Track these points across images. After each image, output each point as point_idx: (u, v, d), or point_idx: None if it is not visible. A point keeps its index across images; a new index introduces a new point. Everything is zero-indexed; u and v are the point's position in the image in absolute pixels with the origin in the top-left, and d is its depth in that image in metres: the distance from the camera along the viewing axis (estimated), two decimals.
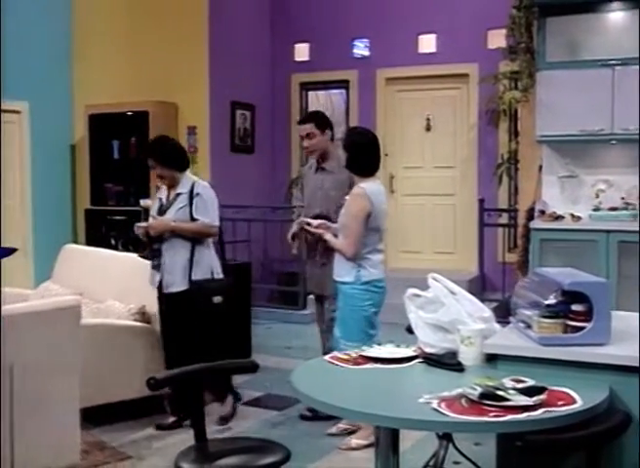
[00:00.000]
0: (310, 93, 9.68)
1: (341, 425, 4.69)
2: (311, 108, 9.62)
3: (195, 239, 4.69)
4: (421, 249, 9.05)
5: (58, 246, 6.20)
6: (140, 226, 4.74)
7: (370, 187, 4.32)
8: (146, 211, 6.09)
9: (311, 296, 5.55)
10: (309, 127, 5.01)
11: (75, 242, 8.16)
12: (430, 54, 8.84)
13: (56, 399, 3.63)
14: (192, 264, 4.65)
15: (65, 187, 9.27)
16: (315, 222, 4.58)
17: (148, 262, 4.78)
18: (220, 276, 4.83)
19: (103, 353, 4.68)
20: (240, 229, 8.41)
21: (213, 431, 4.05)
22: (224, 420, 4.86)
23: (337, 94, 9.60)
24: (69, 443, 3.73)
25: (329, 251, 4.71)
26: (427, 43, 8.86)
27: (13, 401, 3.38)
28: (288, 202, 9.10)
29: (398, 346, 3.06)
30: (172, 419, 4.83)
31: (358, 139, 4.44)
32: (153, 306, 4.86)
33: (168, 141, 5.02)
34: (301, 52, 9.52)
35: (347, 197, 4.43)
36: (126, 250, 6.18)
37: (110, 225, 8.61)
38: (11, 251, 7.30)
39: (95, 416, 4.52)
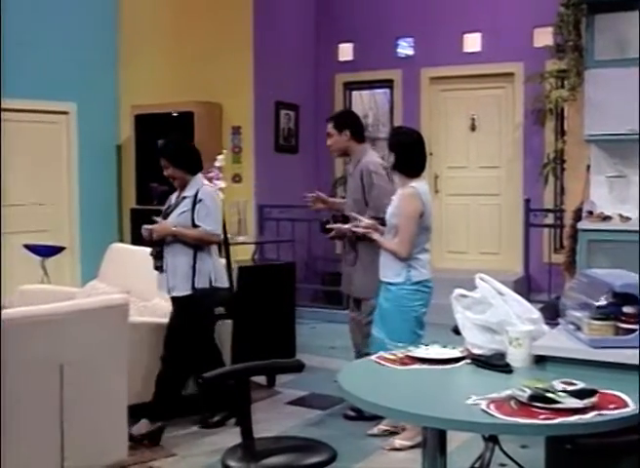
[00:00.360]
0: (354, 92, 9.67)
1: (382, 426, 4.68)
2: (355, 108, 9.61)
3: (197, 245, 4.60)
4: (466, 249, 8.99)
5: (104, 245, 6.27)
6: (146, 228, 4.69)
7: (420, 187, 4.31)
8: None
9: None
10: (329, 126, 5.13)
11: (121, 241, 8.25)
12: (475, 53, 8.77)
13: (104, 396, 3.67)
14: (195, 271, 4.57)
15: (111, 187, 9.38)
16: (365, 222, 4.55)
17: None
18: (222, 285, 4.72)
19: (150, 351, 4.72)
20: (284, 229, 8.44)
21: None
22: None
23: (380, 93, 9.57)
24: (117, 440, 3.77)
25: (354, 249, 4.77)
26: (472, 42, 8.80)
27: (63, 399, 3.42)
28: None
29: (445, 347, 3.04)
30: (217, 418, 4.85)
31: (404, 139, 4.41)
32: None
33: (182, 142, 4.98)
34: (345, 51, 9.51)
35: (394, 198, 4.42)
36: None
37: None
38: (59, 249, 7.47)
39: (141, 414, 4.55)
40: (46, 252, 7.18)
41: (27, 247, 7.07)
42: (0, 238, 6.69)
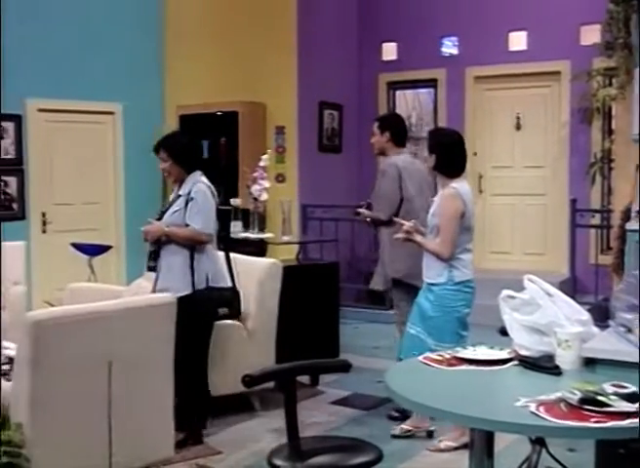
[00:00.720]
0: (398, 92, 9.64)
1: (405, 426, 4.68)
2: (398, 108, 9.59)
3: (192, 245, 4.47)
4: (510, 249, 8.91)
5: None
6: (142, 230, 4.61)
7: (461, 187, 4.29)
8: (236, 210, 6.19)
9: None
10: (374, 126, 5.36)
11: None
12: (521, 51, 8.69)
13: (151, 394, 3.71)
14: (194, 270, 4.45)
15: (156, 186, 9.44)
16: (406, 225, 4.51)
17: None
18: (222, 284, 4.60)
19: None
20: (327, 229, 8.44)
21: None
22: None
23: (424, 93, 9.53)
24: (164, 437, 3.81)
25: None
26: (518, 40, 8.72)
27: (111, 395, 3.46)
28: None
29: (492, 348, 3.01)
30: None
31: (444, 140, 4.39)
32: (245, 304, 4.90)
33: (184, 138, 4.87)
34: (389, 51, 9.49)
35: (436, 198, 4.40)
36: (216, 248, 6.26)
37: None
38: (106, 248, 7.56)
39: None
40: (93, 250, 7.27)
41: (75, 245, 7.16)
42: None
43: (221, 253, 4.85)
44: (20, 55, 8.19)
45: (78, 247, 7.22)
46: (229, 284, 4.69)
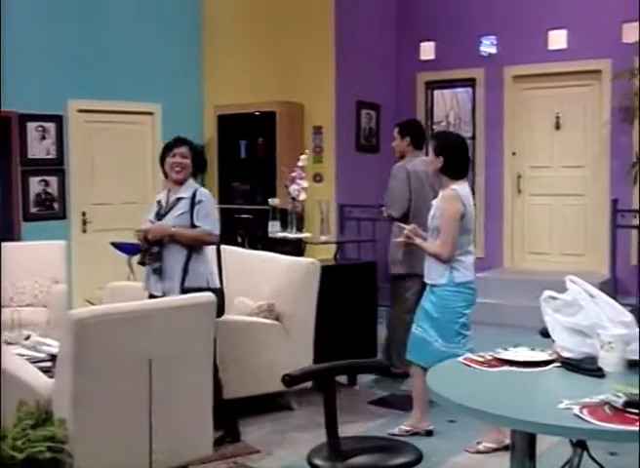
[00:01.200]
0: (436, 91, 9.59)
1: (404, 426, 4.71)
2: (436, 107, 9.55)
3: (191, 246, 4.52)
4: (549, 250, 8.81)
5: None
6: (140, 230, 4.56)
7: (461, 189, 4.36)
8: (274, 209, 6.20)
9: None
10: (395, 130, 5.83)
11: None
12: (560, 50, 8.59)
13: (191, 392, 3.73)
14: (186, 272, 4.47)
15: None
16: (408, 227, 4.62)
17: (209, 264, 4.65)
18: (216, 285, 4.60)
19: (233, 348, 4.78)
20: (364, 229, 8.43)
21: None
22: None
23: (462, 92, 9.47)
24: (203, 436, 3.83)
25: None
26: (557, 39, 8.62)
27: (152, 393, 3.49)
28: None
29: (533, 350, 2.99)
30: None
31: (451, 143, 4.46)
32: (283, 304, 4.92)
33: (198, 146, 5.05)
34: (427, 50, 9.44)
35: (435, 201, 4.47)
36: (253, 248, 6.28)
37: (237, 223, 8.78)
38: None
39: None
40: (132, 249, 7.28)
41: (114, 245, 7.22)
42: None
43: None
44: (62, 56, 8.30)
45: (117, 246, 7.27)
46: (218, 285, 4.69)
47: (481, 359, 2.92)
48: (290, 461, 4.30)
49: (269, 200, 6.25)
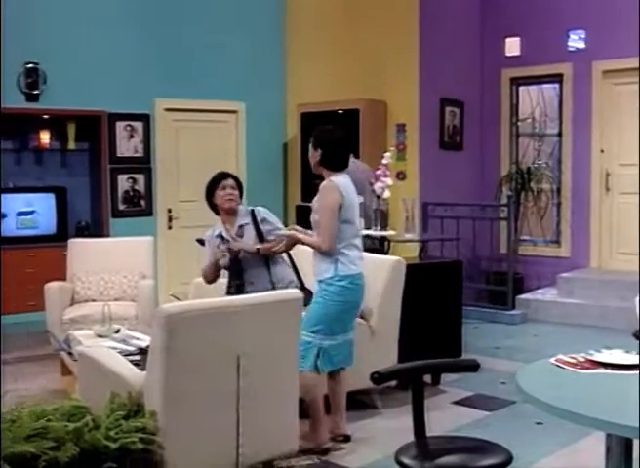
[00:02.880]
0: (521, 88, 9.43)
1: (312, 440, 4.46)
2: (521, 104, 9.40)
3: (267, 256, 4.80)
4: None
5: None
6: (263, 246, 4.80)
7: (338, 180, 4.36)
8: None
9: None
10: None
11: None
12: None
13: (277, 388, 3.76)
14: (272, 275, 4.81)
15: (278, 183, 9.62)
16: (291, 227, 4.75)
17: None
18: (301, 283, 4.91)
19: None
20: (448, 227, 8.35)
21: None
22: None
23: (549, 88, 9.28)
24: (289, 431, 3.85)
25: None
26: None
27: (239, 388, 3.53)
28: (497, 200, 8.95)
29: (627, 352, 2.91)
30: None
31: (328, 137, 4.50)
32: (368, 302, 4.90)
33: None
34: (512, 46, 9.29)
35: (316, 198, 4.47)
36: None
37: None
38: None
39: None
40: None
41: (199, 241, 7.33)
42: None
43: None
44: (149, 57, 8.48)
45: (202, 242, 7.38)
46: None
47: (573, 360, 2.86)
48: (373, 459, 4.29)
49: None
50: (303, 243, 4.50)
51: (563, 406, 2.40)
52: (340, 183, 4.37)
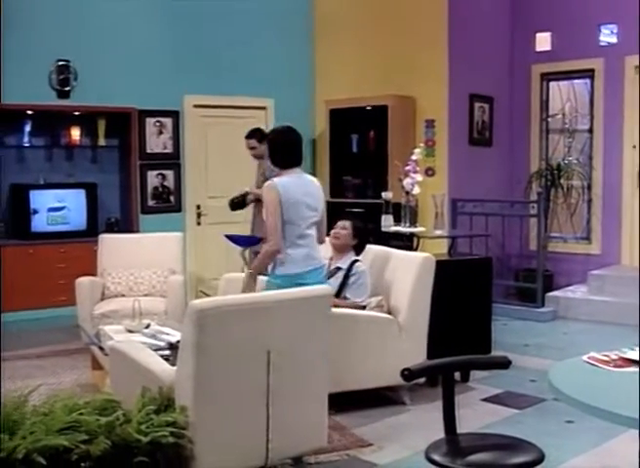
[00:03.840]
0: (552, 83, 9.35)
1: None
2: (551, 100, 9.31)
3: None
4: None
5: None
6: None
7: (281, 180, 4.47)
8: (387, 203, 6.19)
9: None
10: None
11: None
12: None
13: (307, 384, 3.76)
14: None
15: None
16: None
17: None
18: None
19: (347, 342, 4.79)
20: (477, 223, 8.31)
21: None
22: None
23: (580, 84, 9.19)
24: (318, 427, 3.85)
25: None
26: None
27: (269, 383, 3.54)
28: (527, 196, 8.88)
29: None
30: None
31: (274, 137, 4.68)
32: (397, 298, 4.90)
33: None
34: (543, 41, 9.20)
35: None
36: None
37: (348, 218, 8.77)
38: (257, 240, 7.70)
39: (336, 402, 4.61)
40: (245, 242, 7.43)
41: (228, 237, 7.36)
42: None
43: None
44: (178, 54, 8.52)
45: (231, 238, 7.41)
46: None
47: (606, 358, 2.83)
48: (402, 456, 4.27)
49: (382, 194, 6.24)
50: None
51: (599, 404, 2.38)
52: (281, 182, 4.45)
